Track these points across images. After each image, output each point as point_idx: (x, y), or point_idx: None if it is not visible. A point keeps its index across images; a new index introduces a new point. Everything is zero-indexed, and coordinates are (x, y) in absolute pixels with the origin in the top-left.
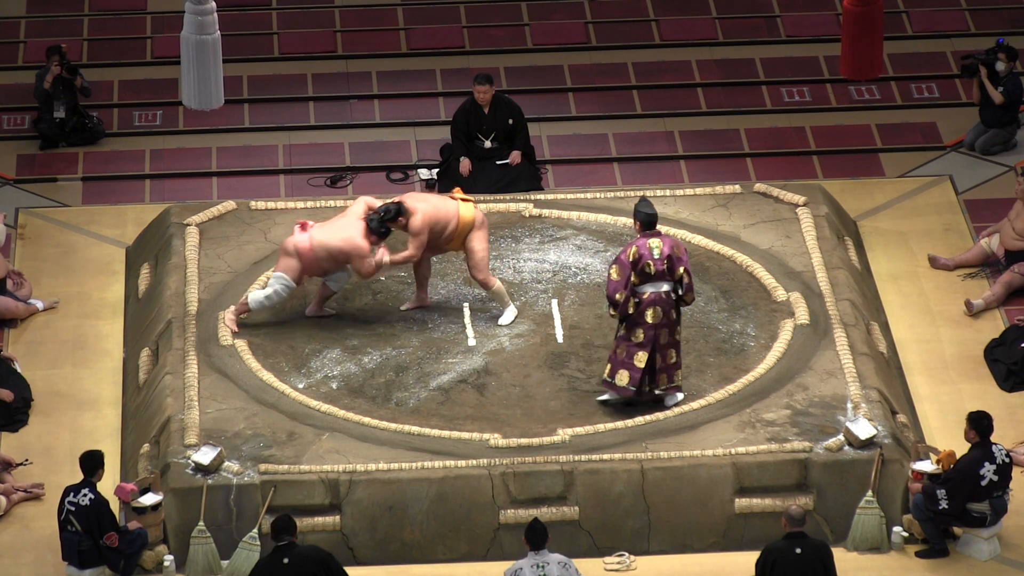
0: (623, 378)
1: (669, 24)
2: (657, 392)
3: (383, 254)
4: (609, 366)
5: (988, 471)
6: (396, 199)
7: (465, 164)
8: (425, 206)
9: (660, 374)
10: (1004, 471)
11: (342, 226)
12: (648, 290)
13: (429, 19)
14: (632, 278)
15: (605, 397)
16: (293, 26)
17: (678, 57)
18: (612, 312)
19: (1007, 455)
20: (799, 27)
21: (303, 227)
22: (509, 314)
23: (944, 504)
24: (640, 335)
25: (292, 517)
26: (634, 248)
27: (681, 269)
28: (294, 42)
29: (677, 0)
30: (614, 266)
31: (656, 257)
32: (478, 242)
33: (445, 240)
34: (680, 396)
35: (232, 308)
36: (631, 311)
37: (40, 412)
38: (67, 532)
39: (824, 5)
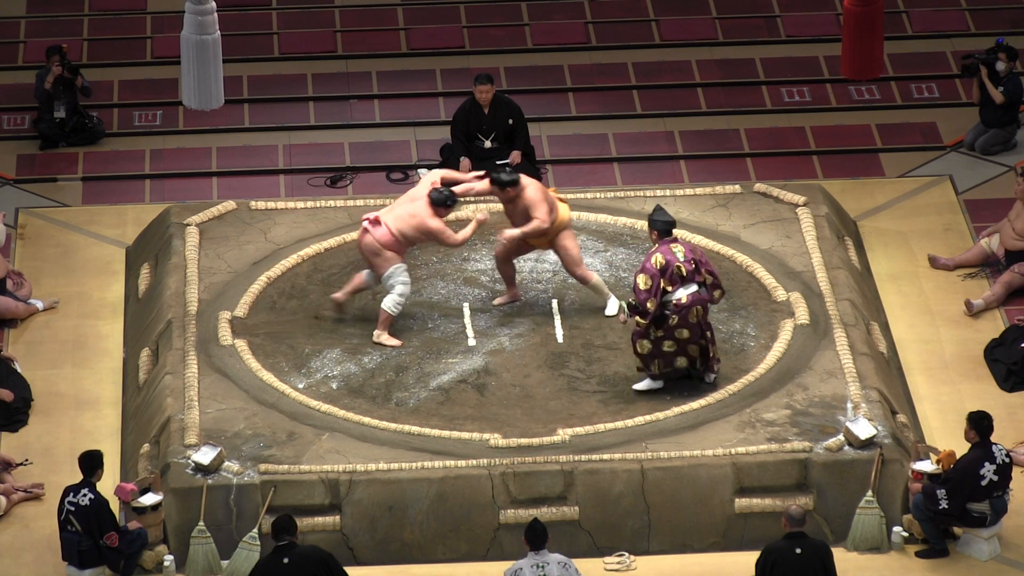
0: (682, 362)
1: (669, 24)
2: (713, 376)
3: (513, 231)
4: (649, 359)
5: (988, 471)
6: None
7: (465, 164)
8: (537, 184)
9: (711, 360)
10: (1004, 471)
11: (411, 211)
12: (683, 294)
13: (429, 19)
14: (663, 285)
15: (643, 386)
16: (293, 26)
17: (678, 57)
18: (641, 321)
19: (1007, 455)
20: (799, 27)
21: (374, 222)
22: (613, 304)
23: (944, 504)
24: (686, 333)
25: (293, 517)
26: (658, 255)
27: (704, 271)
28: (294, 42)
29: (677, 0)
30: (641, 275)
31: (683, 260)
32: (570, 239)
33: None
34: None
35: (379, 331)
36: (668, 318)
37: (40, 412)
38: (67, 532)
39: (824, 5)
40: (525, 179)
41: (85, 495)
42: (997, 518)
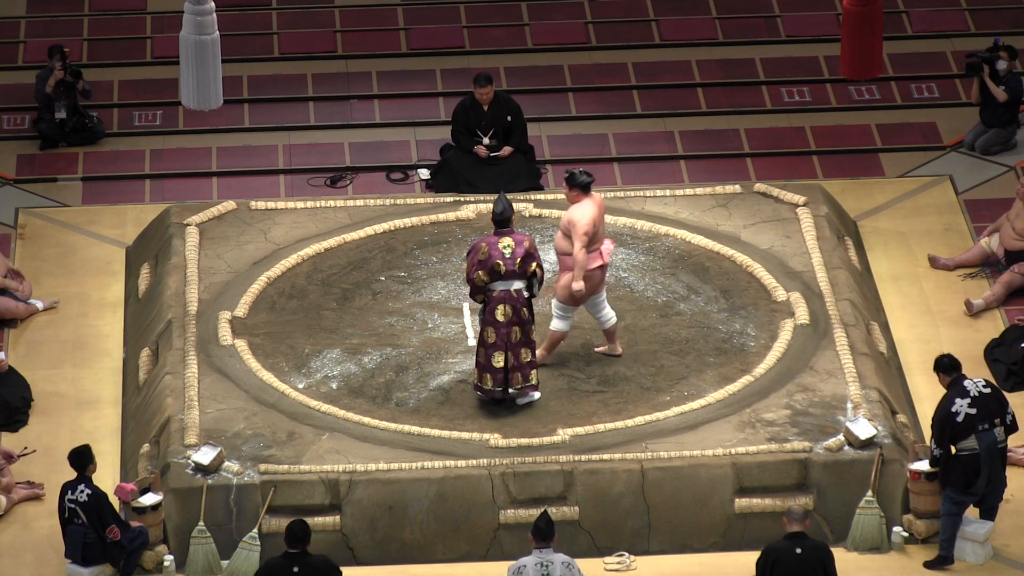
0: (488, 381)
1: (669, 24)
2: (511, 391)
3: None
4: (476, 371)
5: (961, 406)
6: None
7: (481, 149)
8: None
9: (513, 373)
10: (983, 402)
11: None
12: (498, 287)
13: (429, 19)
14: (482, 275)
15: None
16: (293, 26)
17: (678, 57)
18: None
19: (985, 385)
20: (799, 27)
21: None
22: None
23: (936, 452)
24: (492, 335)
25: (308, 525)
26: (483, 245)
27: (534, 265)
28: (294, 42)
29: (677, 0)
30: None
31: (507, 256)
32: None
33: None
34: (536, 395)
35: None
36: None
37: (40, 412)
38: (73, 525)
39: (824, 5)
40: None
41: (83, 491)
42: (990, 457)
